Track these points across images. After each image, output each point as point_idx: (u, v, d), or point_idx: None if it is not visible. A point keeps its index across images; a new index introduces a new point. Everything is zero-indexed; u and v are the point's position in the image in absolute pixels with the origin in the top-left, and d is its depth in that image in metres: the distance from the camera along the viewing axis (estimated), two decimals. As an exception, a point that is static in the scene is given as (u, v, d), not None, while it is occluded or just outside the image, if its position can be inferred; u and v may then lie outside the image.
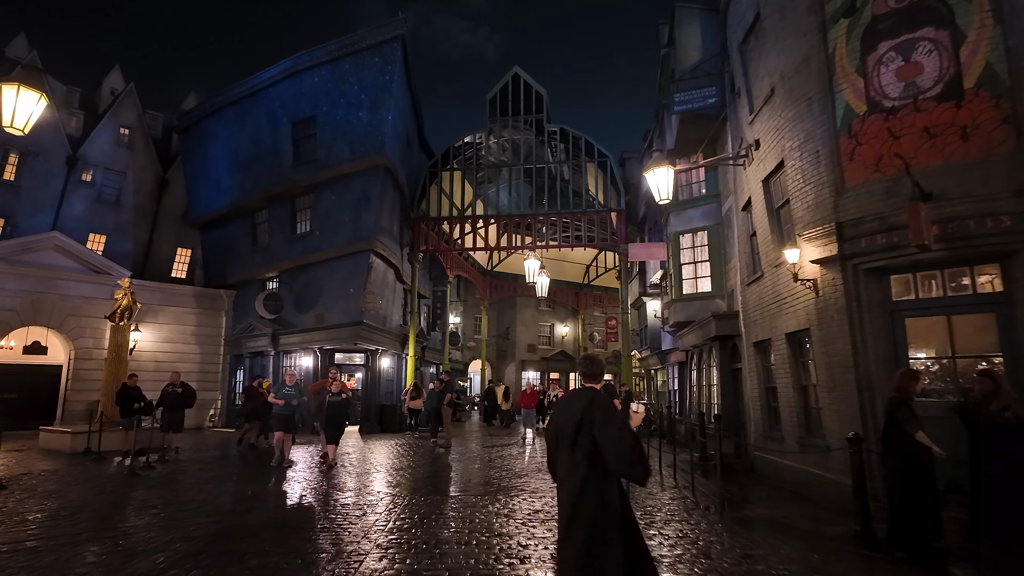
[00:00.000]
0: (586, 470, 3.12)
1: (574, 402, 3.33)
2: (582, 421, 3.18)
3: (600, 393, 3.37)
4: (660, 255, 14.32)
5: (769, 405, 10.26)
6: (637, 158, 21.32)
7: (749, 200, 10.43)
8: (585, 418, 3.17)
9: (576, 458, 3.15)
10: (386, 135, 17.07)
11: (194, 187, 22.57)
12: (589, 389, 3.41)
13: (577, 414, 3.22)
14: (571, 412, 3.27)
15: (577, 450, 3.16)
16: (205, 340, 21.01)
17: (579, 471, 3.13)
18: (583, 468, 3.13)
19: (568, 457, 3.20)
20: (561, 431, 3.30)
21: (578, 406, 3.25)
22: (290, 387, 11.01)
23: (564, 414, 3.34)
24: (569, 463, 3.18)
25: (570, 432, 3.21)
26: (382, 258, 18.08)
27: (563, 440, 3.27)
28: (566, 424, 3.27)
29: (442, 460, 11.84)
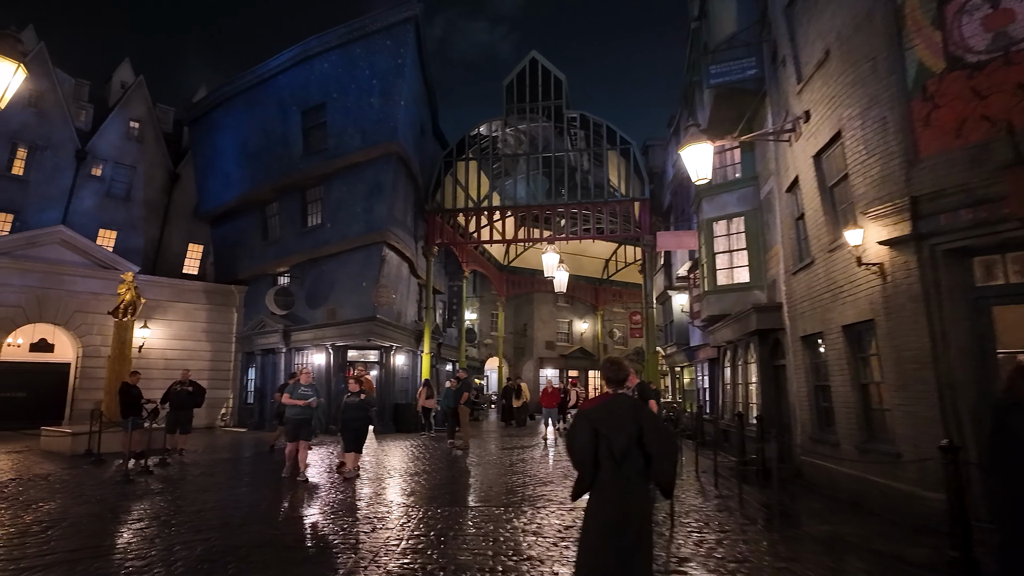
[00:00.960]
0: (636, 480, 3.14)
1: (618, 412, 3.26)
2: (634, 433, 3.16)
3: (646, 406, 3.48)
4: (691, 244, 13.39)
5: (819, 405, 9.32)
6: (661, 145, 20.37)
7: (796, 180, 9.47)
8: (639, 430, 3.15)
9: (625, 469, 3.12)
10: (398, 121, 16.31)
11: (204, 180, 22.04)
12: (629, 398, 3.43)
13: (629, 425, 3.19)
14: (619, 422, 3.20)
15: (628, 461, 3.13)
16: (216, 337, 20.47)
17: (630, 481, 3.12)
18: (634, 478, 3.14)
19: (613, 467, 3.14)
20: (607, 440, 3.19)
21: (627, 417, 3.21)
22: (306, 387, 9.45)
23: (609, 424, 3.21)
24: (615, 472, 3.13)
25: (622, 444, 3.15)
26: (395, 251, 17.34)
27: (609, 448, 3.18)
28: (614, 434, 3.18)
29: (460, 464, 11.05)
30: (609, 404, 3.34)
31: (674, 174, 17.60)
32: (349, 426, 9.01)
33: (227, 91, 20.37)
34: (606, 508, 3.17)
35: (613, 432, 3.20)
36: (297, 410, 9.19)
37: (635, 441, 3.17)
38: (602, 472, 3.20)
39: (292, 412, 9.22)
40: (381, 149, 16.35)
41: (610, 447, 3.18)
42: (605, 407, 3.34)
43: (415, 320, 20.40)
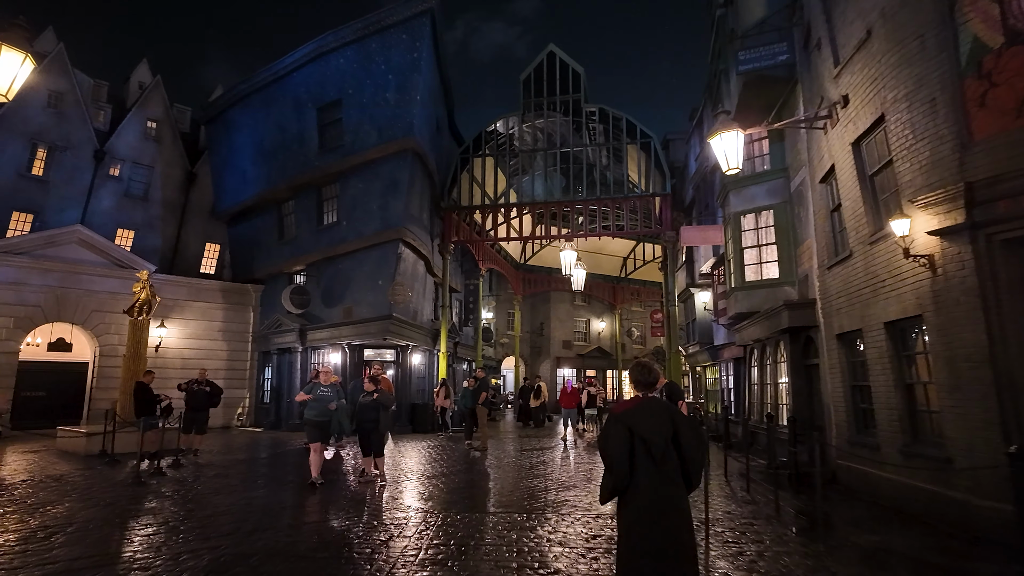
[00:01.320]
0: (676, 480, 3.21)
1: (654, 414, 3.29)
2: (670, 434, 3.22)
3: (679, 409, 3.58)
4: (717, 239, 12.92)
5: (856, 407, 8.85)
6: (682, 140, 19.88)
7: (831, 169, 9.00)
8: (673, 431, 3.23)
9: (665, 470, 3.19)
10: (414, 117, 16.02)
11: (220, 179, 21.99)
12: (662, 401, 3.50)
13: (665, 427, 3.24)
14: (656, 425, 3.24)
15: (667, 462, 3.20)
16: (232, 336, 20.39)
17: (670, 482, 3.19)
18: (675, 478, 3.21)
19: (653, 467, 3.19)
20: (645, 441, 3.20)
21: (663, 419, 3.26)
22: (325, 387, 8.66)
23: (645, 426, 3.23)
24: (656, 473, 3.19)
25: (660, 445, 3.19)
26: (412, 248, 17.07)
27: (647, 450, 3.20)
28: (652, 436, 3.20)
29: (478, 466, 10.73)
30: (644, 407, 3.35)
31: (697, 168, 17.13)
32: (362, 428, 8.53)
33: (243, 89, 20.26)
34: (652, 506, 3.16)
35: (650, 434, 3.21)
36: (316, 411, 8.52)
37: (671, 442, 3.23)
38: (639, 474, 3.21)
39: (311, 413, 8.54)
40: (397, 145, 16.08)
41: (648, 448, 3.20)
42: (640, 410, 3.32)
43: (431, 319, 20.13)
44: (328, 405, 8.54)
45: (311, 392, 8.56)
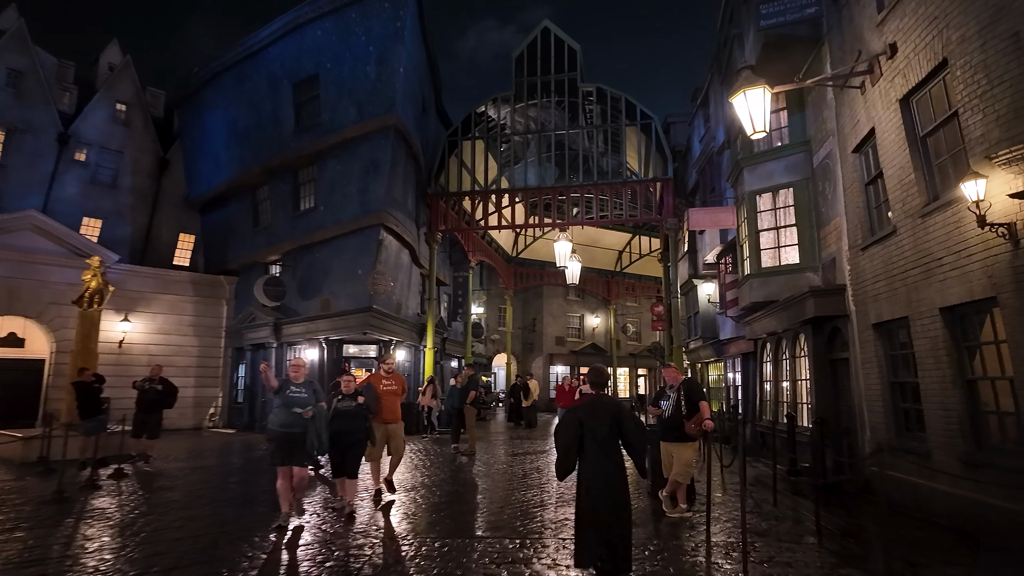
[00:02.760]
0: (617, 460, 4.18)
1: (601, 409, 4.26)
2: (614, 425, 4.18)
3: (622, 403, 4.76)
4: (728, 222, 11.79)
5: (896, 407, 7.73)
6: (684, 122, 18.73)
7: (869, 135, 7.86)
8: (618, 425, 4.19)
9: (607, 451, 4.15)
10: (397, 92, 14.76)
11: (192, 164, 20.66)
12: (609, 398, 4.50)
13: (608, 419, 4.19)
14: (601, 417, 4.19)
15: (608, 444, 4.16)
16: (204, 331, 19.06)
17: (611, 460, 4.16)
18: (615, 458, 4.18)
19: (598, 451, 4.14)
20: (592, 431, 4.15)
21: (607, 413, 4.22)
22: (297, 387, 6.21)
23: (593, 417, 4.18)
24: (600, 455, 4.14)
25: (603, 432, 4.15)
26: (394, 235, 15.81)
27: (593, 437, 4.15)
28: (597, 425, 4.16)
29: (465, 475, 9.52)
30: (593, 403, 4.31)
31: (702, 150, 16.00)
32: (338, 442, 6.37)
33: (215, 67, 18.91)
34: (596, 476, 4.11)
35: (596, 424, 4.15)
36: (283, 419, 6.02)
37: (614, 431, 4.16)
38: (588, 453, 4.16)
39: (276, 422, 6.06)
40: (378, 123, 14.81)
41: (594, 435, 4.14)
42: (589, 405, 4.31)
43: (417, 313, 18.89)
44: (301, 412, 6.02)
45: (279, 393, 6.20)
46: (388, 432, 7.48)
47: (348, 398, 6.68)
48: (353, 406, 6.61)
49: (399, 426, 7.70)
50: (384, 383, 7.56)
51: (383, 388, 7.48)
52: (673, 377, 6.76)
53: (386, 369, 7.73)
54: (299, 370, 6.39)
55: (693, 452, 6.55)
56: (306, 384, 6.34)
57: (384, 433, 7.41)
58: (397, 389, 7.64)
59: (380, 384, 7.52)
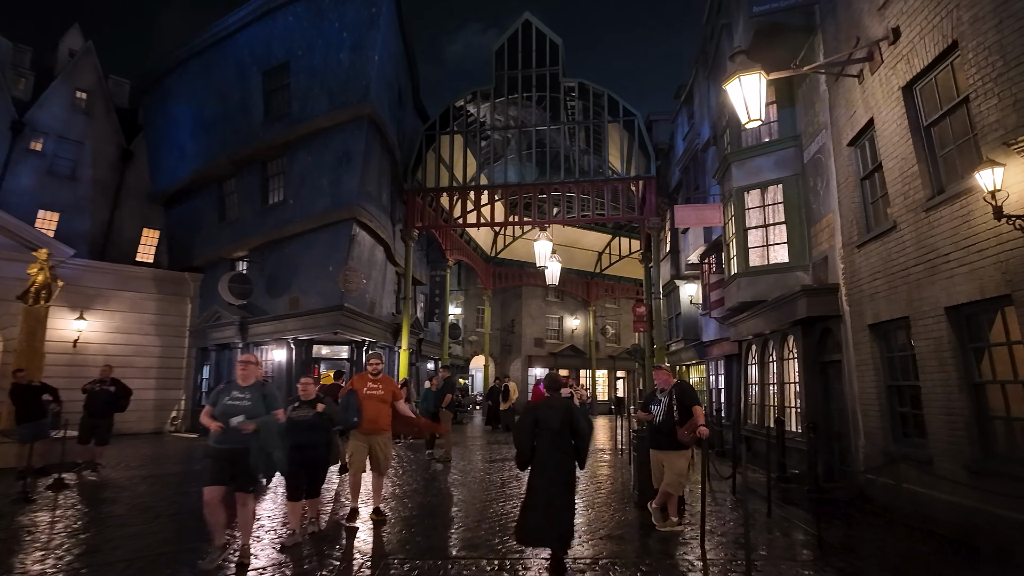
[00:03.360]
0: (567, 450, 4.89)
1: (555, 407, 4.98)
2: (565, 421, 4.88)
3: (573, 402, 5.55)
4: (714, 219, 11.41)
5: (893, 411, 7.37)
6: (667, 120, 18.40)
7: (867, 125, 7.50)
8: (568, 419, 4.90)
9: (558, 443, 4.84)
10: (371, 80, 14.12)
11: (157, 156, 19.72)
12: (562, 398, 5.17)
13: (561, 416, 4.90)
14: (555, 414, 4.92)
15: (560, 438, 4.85)
16: (167, 330, 18.13)
17: (561, 452, 4.85)
18: (565, 449, 4.88)
19: (551, 443, 4.83)
20: (546, 426, 4.86)
21: (560, 411, 4.94)
22: (242, 392, 4.86)
23: (547, 415, 4.91)
24: (552, 446, 4.83)
25: (555, 428, 4.84)
26: (368, 230, 15.15)
27: (548, 431, 4.85)
28: (552, 421, 4.87)
29: (440, 484, 8.94)
30: (548, 402, 5.10)
31: (686, 147, 15.66)
32: (297, 458, 5.30)
33: (181, 54, 18.05)
34: (548, 467, 4.82)
35: (549, 421, 4.89)
36: (225, 436, 4.69)
37: (566, 427, 4.88)
38: (542, 445, 4.87)
39: (216, 438, 4.74)
40: (351, 112, 14.15)
41: (549, 429, 4.87)
42: (544, 404, 5.08)
43: (392, 312, 18.24)
44: (239, 425, 4.64)
45: (215, 402, 4.84)
46: (370, 445, 6.28)
47: (305, 405, 5.62)
48: (310, 416, 5.55)
49: (384, 437, 6.42)
50: (369, 387, 6.35)
51: (367, 393, 6.27)
52: (664, 380, 6.28)
53: (372, 370, 6.50)
54: (247, 369, 4.99)
55: (686, 461, 6.08)
56: (253, 388, 4.91)
57: (365, 447, 6.26)
58: (384, 394, 6.39)
59: (364, 388, 6.32)
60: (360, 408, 6.16)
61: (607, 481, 9.23)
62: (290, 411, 5.54)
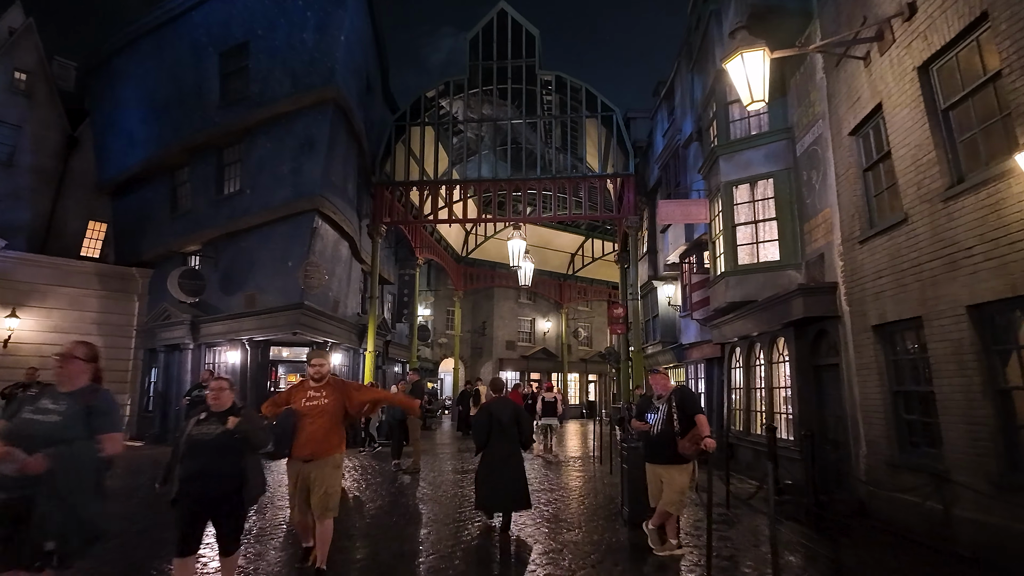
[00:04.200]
0: (513, 438, 6.30)
1: (505, 406, 6.43)
2: (512, 416, 6.33)
3: (517, 403, 6.84)
4: (700, 215, 10.87)
5: (899, 418, 6.86)
6: (645, 117, 17.90)
7: (874, 112, 7.00)
8: (515, 414, 6.37)
9: (509, 436, 6.26)
10: (337, 62, 13.20)
11: (104, 142, 18.34)
12: (508, 399, 6.66)
13: (509, 412, 6.35)
14: (506, 412, 6.34)
15: (509, 431, 6.26)
16: (111, 330, 16.76)
17: (511, 443, 6.28)
18: (512, 438, 6.29)
19: (503, 436, 6.23)
20: (499, 421, 6.25)
21: (509, 409, 6.40)
22: (52, 400, 3.09)
23: (499, 411, 6.33)
24: (504, 439, 6.23)
25: (505, 421, 6.25)
26: (332, 223, 14.18)
27: (499, 426, 6.24)
28: (504, 417, 6.28)
29: (406, 499, 8.10)
30: (499, 401, 6.54)
31: (666, 144, 15.16)
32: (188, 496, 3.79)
33: (131, 32, 16.77)
34: (497, 454, 6.22)
35: (500, 416, 6.30)
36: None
37: (512, 421, 6.28)
38: (494, 436, 6.25)
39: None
40: (315, 96, 13.19)
41: (500, 423, 6.25)
42: (497, 403, 6.50)
43: (357, 313, 17.27)
44: (20, 465, 2.81)
45: (13, 413, 3.15)
46: (307, 476, 4.56)
47: (213, 419, 3.91)
48: (216, 433, 3.82)
49: (326, 464, 4.59)
50: (310, 397, 4.72)
51: (305, 406, 4.67)
52: (663, 385, 5.61)
53: (314, 374, 4.81)
54: (68, 366, 3.19)
55: (687, 476, 5.40)
56: (75, 396, 3.15)
57: (301, 477, 4.59)
58: (330, 404, 4.70)
59: (303, 399, 4.72)
60: (296, 425, 4.61)
61: (589, 496, 8.52)
62: (191, 426, 3.92)
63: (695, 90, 12.39)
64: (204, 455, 3.79)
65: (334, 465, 4.67)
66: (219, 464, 3.79)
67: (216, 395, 4.00)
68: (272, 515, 6.85)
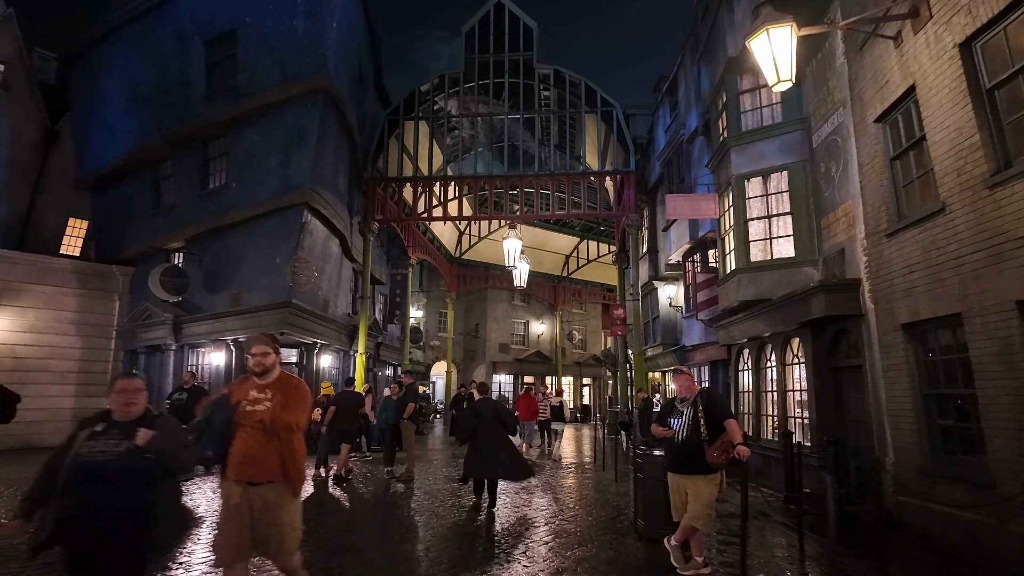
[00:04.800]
0: (501, 431, 7.41)
1: (488, 404, 7.63)
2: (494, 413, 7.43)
3: (500, 402, 8.17)
4: (709, 211, 10.40)
5: (932, 424, 6.39)
6: (646, 114, 17.48)
7: (905, 95, 6.55)
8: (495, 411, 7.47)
9: (490, 427, 7.28)
10: (328, 50, 12.64)
11: (84, 135, 17.64)
12: (491, 399, 8.07)
13: (492, 410, 7.48)
14: (488, 409, 7.48)
15: (491, 424, 7.31)
16: (90, 330, 16.05)
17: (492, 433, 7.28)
18: (500, 430, 7.39)
19: (486, 429, 7.27)
20: (484, 416, 7.36)
21: (491, 407, 7.54)
22: None
23: (483, 409, 7.48)
24: (487, 432, 7.27)
25: (488, 416, 7.36)
26: (322, 218, 13.59)
27: (483, 418, 7.34)
28: (486, 412, 7.41)
29: (402, 513, 7.52)
30: (482, 400, 7.80)
31: (668, 140, 14.72)
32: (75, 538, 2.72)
33: (114, 20, 16.11)
34: (483, 442, 7.25)
35: (483, 412, 7.41)
36: None
37: (495, 417, 7.37)
38: (478, 431, 7.30)
39: None
40: (305, 85, 12.61)
41: (483, 419, 7.33)
42: (480, 401, 7.76)
43: (348, 313, 16.67)
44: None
45: None
46: (252, 503, 3.32)
47: (115, 432, 2.86)
48: (119, 452, 2.81)
49: (277, 492, 3.37)
50: (253, 397, 3.44)
51: (245, 410, 3.39)
52: (687, 387, 5.09)
53: (255, 366, 3.47)
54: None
55: (715, 487, 4.88)
56: None
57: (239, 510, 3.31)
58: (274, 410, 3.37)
59: (242, 402, 3.42)
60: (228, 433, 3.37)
61: (595, 506, 7.98)
62: (81, 442, 2.82)
63: (702, 82, 11.95)
64: (98, 483, 2.70)
65: (286, 494, 3.39)
66: (119, 497, 2.73)
67: (125, 399, 2.90)
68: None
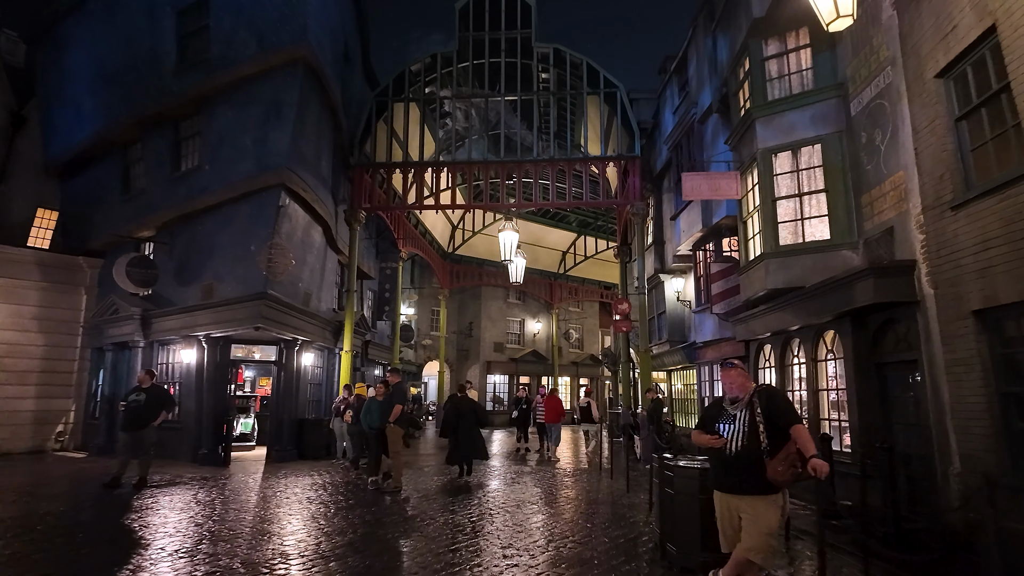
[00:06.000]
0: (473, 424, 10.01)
1: (465, 402, 10.31)
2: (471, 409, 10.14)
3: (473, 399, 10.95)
4: (730, 190, 9.39)
5: (1010, 427, 5.41)
6: (650, 98, 16.44)
7: (980, 40, 5.55)
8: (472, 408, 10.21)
9: (469, 422, 9.89)
10: (309, 18, 11.55)
11: (50, 117, 16.46)
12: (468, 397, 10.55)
13: (469, 406, 10.19)
14: (465, 406, 10.14)
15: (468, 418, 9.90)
16: (54, 326, 14.88)
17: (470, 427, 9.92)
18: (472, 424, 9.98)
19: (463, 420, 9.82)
20: (463, 412, 9.91)
21: (468, 403, 10.28)
22: None
23: (461, 406, 10.12)
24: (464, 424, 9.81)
25: (466, 412, 9.95)
26: (302, 202, 12.48)
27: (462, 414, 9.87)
28: (463, 409, 9.99)
29: (387, 532, 6.45)
30: (461, 398, 10.39)
31: (677, 122, 13.72)
32: None
33: (80, -7, 14.95)
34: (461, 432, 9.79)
35: (461, 407, 10.08)
36: None
37: (471, 413, 10.03)
38: (459, 424, 9.85)
39: None
40: (284, 55, 11.50)
41: (461, 414, 9.89)
42: (460, 399, 10.41)
43: (333, 309, 15.57)
44: None
45: None
46: None
47: None
48: None
49: None
50: None
51: None
52: (740, 384, 4.06)
53: None
54: None
55: (777, 511, 3.81)
56: None
57: None
58: None
59: None
60: None
61: (611, 525, 6.92)
62: None
63: (719, 53, 10.95)
64: None
65: None
66: None
67: None
68: (205, 557, 5.16)
